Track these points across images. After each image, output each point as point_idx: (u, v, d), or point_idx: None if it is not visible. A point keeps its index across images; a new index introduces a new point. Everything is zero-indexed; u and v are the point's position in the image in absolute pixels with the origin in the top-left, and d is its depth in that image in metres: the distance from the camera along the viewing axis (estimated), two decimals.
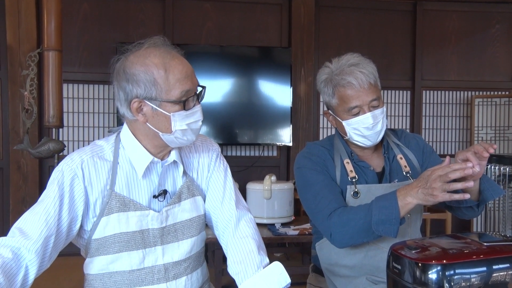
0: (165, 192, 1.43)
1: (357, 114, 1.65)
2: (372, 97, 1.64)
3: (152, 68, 1.30)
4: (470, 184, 1.37)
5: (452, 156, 5.23)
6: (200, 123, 1.40)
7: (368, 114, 1.64)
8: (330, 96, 1.69)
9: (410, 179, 1.71)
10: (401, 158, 1.75)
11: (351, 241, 1.60)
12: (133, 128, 1.40)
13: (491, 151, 1.43)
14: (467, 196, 1.40)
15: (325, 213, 1.63)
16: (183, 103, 1.33)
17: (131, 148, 1.39)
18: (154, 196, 1.41)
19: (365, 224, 1.53)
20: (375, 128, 1.65)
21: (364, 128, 1.65)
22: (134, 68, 1.31)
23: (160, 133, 1.35)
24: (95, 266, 1.40)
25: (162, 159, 1.43)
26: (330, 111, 1.75)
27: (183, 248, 1.45)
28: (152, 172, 1.42)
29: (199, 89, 1.40)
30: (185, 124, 1.35)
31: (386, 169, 1.74)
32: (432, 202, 1.45)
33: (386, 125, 1.71)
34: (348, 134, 1.70)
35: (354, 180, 1.68)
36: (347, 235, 1.58)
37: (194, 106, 1.37)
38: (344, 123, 1.68)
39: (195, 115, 1.37)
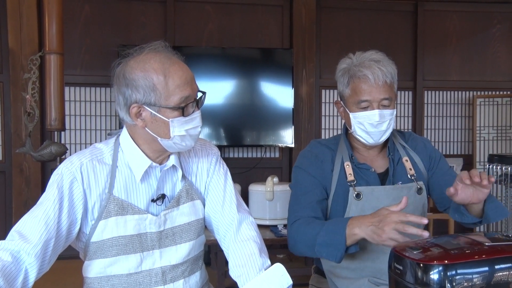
0: (163, 196, 1.43)
1: (365, 109, 1.65)
2: (384, 96, 1.64)
3: (152, 73, 1.30)
4: (425, 234, 1.29)
5: (453, 156, 5.18)
6: (199, 129, 1.40)
7: (376, 111, 1.63)
8: (345, 86, 1.69)
9: (414, 182, 1.71)
10: (406, 161, 1.74)
11: (302, 253, 1.63)
12: (132, 132, 1.40)
13: (477, 180, 1.39)
14: (425, 234, 1.30)
15: (292, 218, 1.66)
16: (182, 109, 1.33)
17: (129, 152, 1.39)
18: (152, 200, 1.41)
19: (313, 241, 1.54)
20: (380, 126, 1.65)
21: (369, 124, 1.64)
22: (133, 73, 1.31)
23: (159, 138, 1.35)
24: (93, 269, 1.40)
25: (161, 164, 1.43)
26: (341, 102, 1.75)
27: (181, 251, 1.45)
28: (150, 176, 1.42)
29: (199, 94, 1.40)
30: (183, 130, 1.35)
31: (390, 171, 1.73)
32: (377, 242, 1.41)
33: (394, 129, 1.71)
34: (352, 127, 1.69)
35: (352, 183, 1.68)
36: (297, 246, 1.61)
37: (193, 112, 1.37)
38: (351, 115, 1.68)
39: (194, 121, 1.37)
